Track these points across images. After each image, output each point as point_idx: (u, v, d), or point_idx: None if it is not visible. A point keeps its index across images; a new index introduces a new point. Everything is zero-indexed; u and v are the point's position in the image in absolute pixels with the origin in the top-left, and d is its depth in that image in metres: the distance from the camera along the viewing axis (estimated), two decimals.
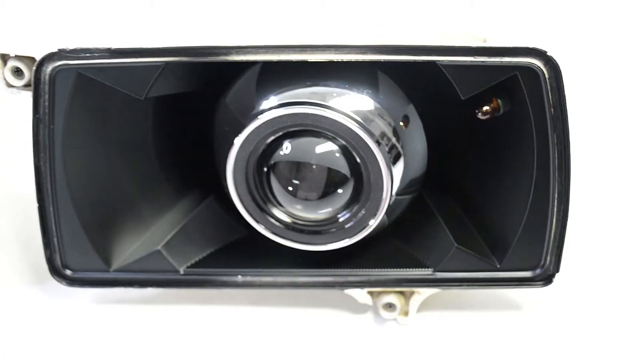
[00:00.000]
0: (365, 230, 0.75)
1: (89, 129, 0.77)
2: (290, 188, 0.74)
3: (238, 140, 0.74)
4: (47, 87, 0.73)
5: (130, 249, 0.83)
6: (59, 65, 0.73)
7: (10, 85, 0.76)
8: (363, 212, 0.75)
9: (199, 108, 0.84)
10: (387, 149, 0.74)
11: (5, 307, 0.84)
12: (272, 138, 0.74)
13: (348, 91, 0.75)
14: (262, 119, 0.73)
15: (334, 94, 0.75)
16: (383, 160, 0.72)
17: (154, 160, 0.84)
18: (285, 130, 0.74)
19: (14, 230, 0.94)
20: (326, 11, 1.21)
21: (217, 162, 0.82)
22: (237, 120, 0.77)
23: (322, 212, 0.76)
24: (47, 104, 0.74)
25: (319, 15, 1.20)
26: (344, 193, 0.74)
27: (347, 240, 0.76)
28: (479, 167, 0.81)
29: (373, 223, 0.74)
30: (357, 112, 0.73)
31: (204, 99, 0.82)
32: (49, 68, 0.73)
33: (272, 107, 0.73)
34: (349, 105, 0.74)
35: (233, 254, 0.84)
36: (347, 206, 0.75)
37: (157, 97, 0.78)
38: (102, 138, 0.79)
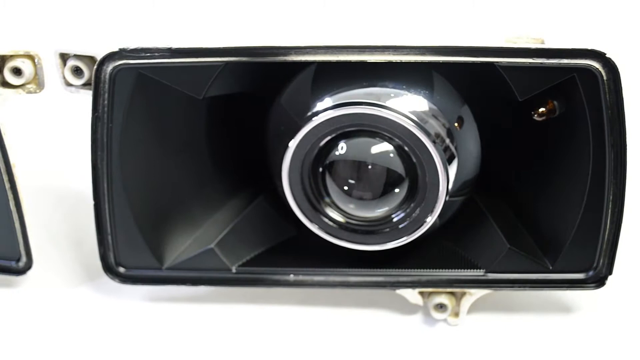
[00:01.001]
0: (420, 229, 0.76)
1: (146, 128, 0.78)
2: (345, 187, 0.75)
3: (293, 143, 0.74)
4: (107, 86, 0.74)
5: (182, 247, 0.83)
6: (120, 65, 0.74)
7: (69, 84, 0.77)
8: (418, 211, 0.76)
9: (251, 108, 0.84)
10: (441, 149, 0.74)
11: (58, 304, 0.85)
12: (327, 139, 0.75)
13: (403, 91, 0.76)
14: (317, 120, 0.74)
15: (389, 94, 0.75)
16: (439, 160, 0.72)
17: (206, 159, 0.85)
18: (340, 131, 0.74)
19: (66, 227, 0.95)
20: (328, 10, 1.21)
21: (270, 162, 0.83)
22: (292, 120, 0.77)
23: (377, 212, 0.76)
24: (106, 102, 0.75)
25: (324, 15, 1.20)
26: (399, 193, 0.75)
27: (402, 239, 0.77)
28: (531, 168, 0.81)
29: (430, 220, 0.75)
30: (412, 113, 0.74)
31: (256, 98, 0.83)
32: (109, 67, 0.74)
33: (327, 108, 0.74)
34: (405, 105, 0.74)
35: (283, 253, 0.84)
36: (402, 206, 0.76)
37: (211, 97, 0.79)
38: (158, 137, 0.80)
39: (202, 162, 0.85)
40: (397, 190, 0.75)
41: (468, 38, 0.72)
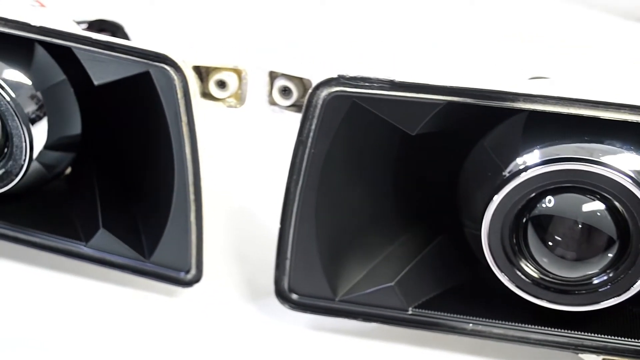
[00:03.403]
0: (622, 296, 0.72)
1: (345, 157, 0.76)
2: (549, 243, 0.72)
3: (498, 197, 0.72)
4: (317, 112, 0.72)
5: (355, 279, 0.81)
6: (335, 91, 0.71)
7: (274, 103, 0.75)
8: (621, 277, 0.72)
9: (442, 145, 0.82)
10: None
11: (216, 320, 0.84)
12: (534, 194, 0.72)
13: (618, 148, 0.72)
14: (525, 176, 0.71)
15: (602, 150, 0.72)
16: None
17: (389, 191, 0.83)
18: (549, 187, 0.71)
19: (239, 245, 0.93)
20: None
21: (461, 202, 0.80)
22: (497, 167, 0.74)
23: (578, 273, 0.73)
24: (313, 127, 0.73)
25: None
26: (605, 256, 0.71)
27: (600, 304, 0.73)
28: None
29: (637, 288, 0.71)
30: (631, 171, 0.70)
31: (450, 137, 0.80)
32: (324, 92, 0.72)
33: (537, 163, 0.71)
34: (621, 163, 0.71)
35: (458, 299, 0.81)
36: (607, 269, 0.72)
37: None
38: (354, 166, 0.78)
39: (385, 194, 0.83)
40: (605, 253, 0.71)
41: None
